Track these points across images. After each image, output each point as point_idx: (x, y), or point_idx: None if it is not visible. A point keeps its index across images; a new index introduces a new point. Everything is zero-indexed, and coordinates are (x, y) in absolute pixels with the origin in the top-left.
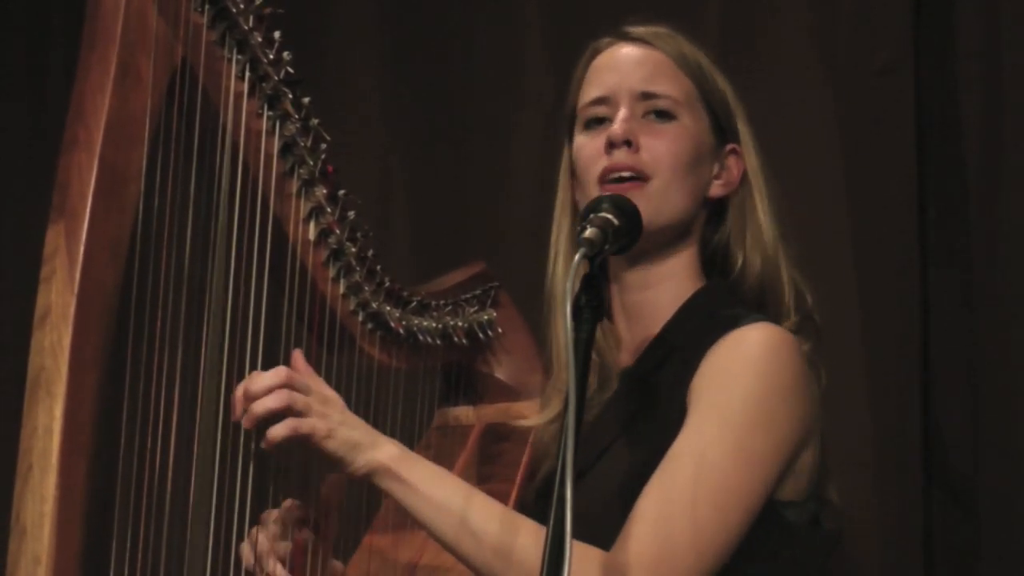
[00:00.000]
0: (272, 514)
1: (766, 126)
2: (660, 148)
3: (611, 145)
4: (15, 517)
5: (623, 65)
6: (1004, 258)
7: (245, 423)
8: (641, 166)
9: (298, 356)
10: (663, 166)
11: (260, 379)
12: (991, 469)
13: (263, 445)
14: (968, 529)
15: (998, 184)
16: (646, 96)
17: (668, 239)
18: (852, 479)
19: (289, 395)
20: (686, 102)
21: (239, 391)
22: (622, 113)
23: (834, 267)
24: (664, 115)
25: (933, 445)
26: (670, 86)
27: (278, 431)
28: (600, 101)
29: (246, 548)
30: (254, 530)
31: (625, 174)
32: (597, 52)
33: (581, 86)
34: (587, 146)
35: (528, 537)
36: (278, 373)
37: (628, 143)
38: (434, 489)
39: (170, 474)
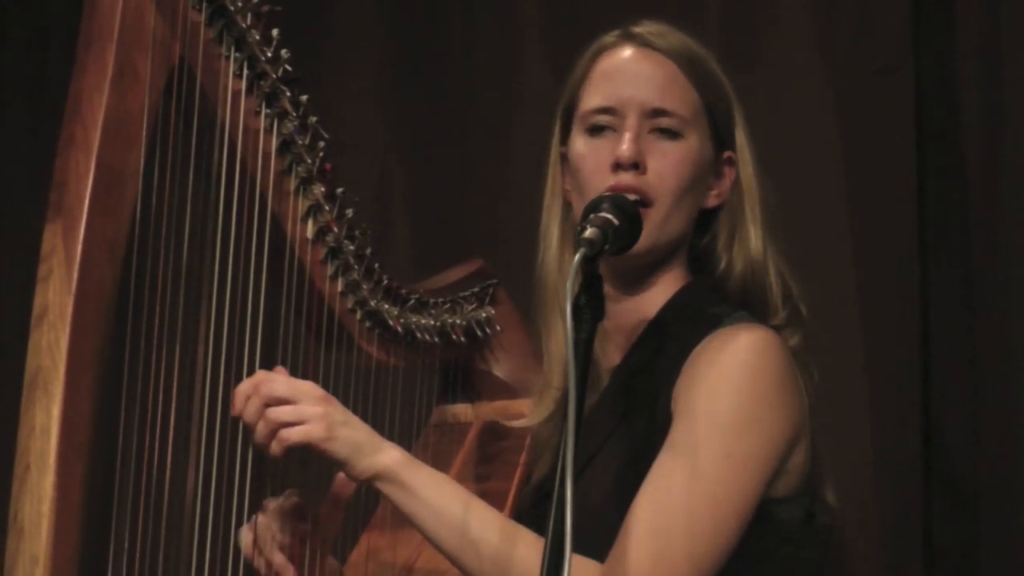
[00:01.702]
0: (272, 503)
1: (766, 126)
2: (666, 171)
3: (618, 165)
4: (13, 517)
5: (632, 76)
6: (1004, 258)
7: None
8: (647, 189)
9: (280, 371)
10: (666, 190)
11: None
12: (991, 469)
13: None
14: (968, 529)
15: (998, 184)
16: (656, 113)
17: (661, 255)
18: (852, 479)
19: (275, 412)
20: (692, 118)
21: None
22: (629, 132)
23: (834, 266)
24: (671, 133)
25: (933, 445)
26: (679, 103)
27: (274, 450)
28: (606, 111)
29: (246, 533)
30: (255, 516)
31: (631, 197)
32: (602, 51)
33: (584, 86)
34: (590, 157)
35: (528, 548)
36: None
37: (635, 165)
38: (436, 496)
39: (168, 473)
